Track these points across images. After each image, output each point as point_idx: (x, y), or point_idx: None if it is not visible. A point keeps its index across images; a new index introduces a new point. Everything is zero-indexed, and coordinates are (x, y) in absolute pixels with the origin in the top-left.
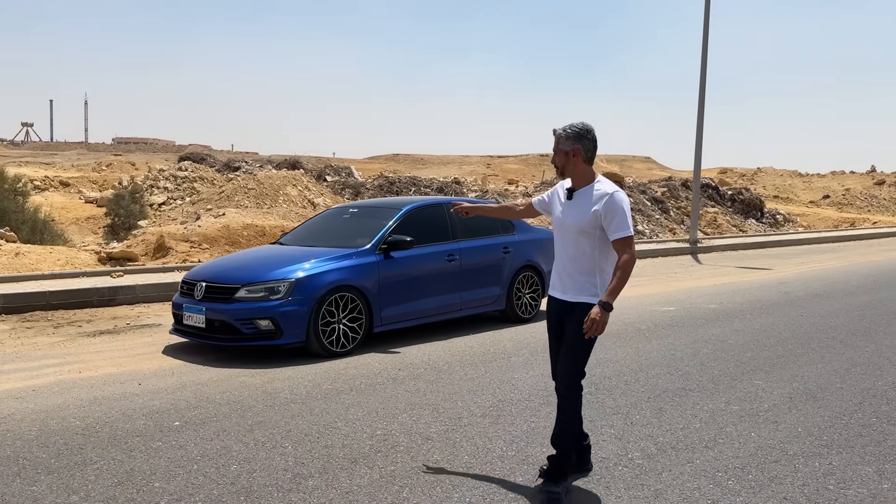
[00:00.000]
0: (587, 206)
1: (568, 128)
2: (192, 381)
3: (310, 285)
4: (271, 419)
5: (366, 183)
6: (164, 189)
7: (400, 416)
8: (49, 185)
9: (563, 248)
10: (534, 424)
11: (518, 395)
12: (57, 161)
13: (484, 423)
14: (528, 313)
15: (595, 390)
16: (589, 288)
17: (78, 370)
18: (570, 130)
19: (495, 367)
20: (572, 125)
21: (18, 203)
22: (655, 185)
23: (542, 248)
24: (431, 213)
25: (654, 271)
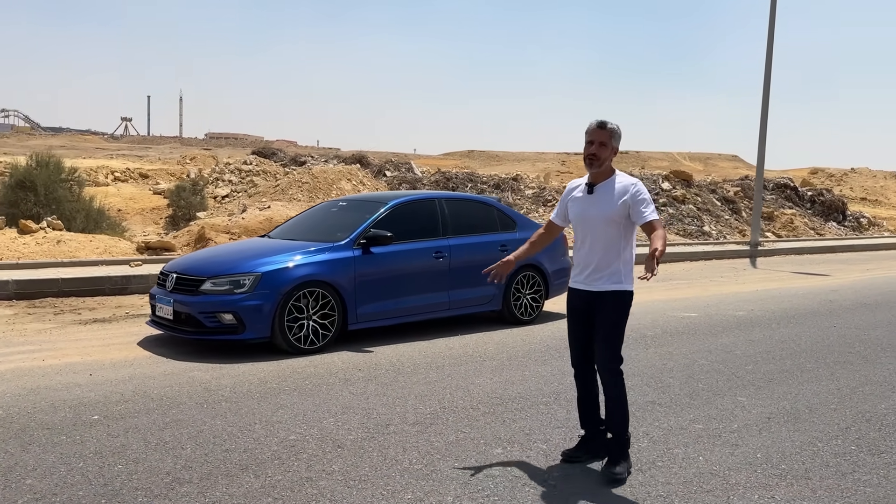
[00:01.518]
0: (614, 198)
1: (616, 126)
2: (142, 374)
3: (276, 279)
4: (192, 418)
5: (422, 178)
6: (229, 182)
7: (326, 420)
8: (129, 177)
9: (587, 240)
10: (462, 435)
11: (464, 403)
12: (150, 154)
13: (410, 432)
14: (527, 315)
15: (553, 400)
16: (615, 276)
17: (43, 358)
18: (618, 128)
19: (461, 371)
20: (616, 123)
21: (74, 192)
22: (729, 185)
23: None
24: (421, 207)
25: (699, 274)
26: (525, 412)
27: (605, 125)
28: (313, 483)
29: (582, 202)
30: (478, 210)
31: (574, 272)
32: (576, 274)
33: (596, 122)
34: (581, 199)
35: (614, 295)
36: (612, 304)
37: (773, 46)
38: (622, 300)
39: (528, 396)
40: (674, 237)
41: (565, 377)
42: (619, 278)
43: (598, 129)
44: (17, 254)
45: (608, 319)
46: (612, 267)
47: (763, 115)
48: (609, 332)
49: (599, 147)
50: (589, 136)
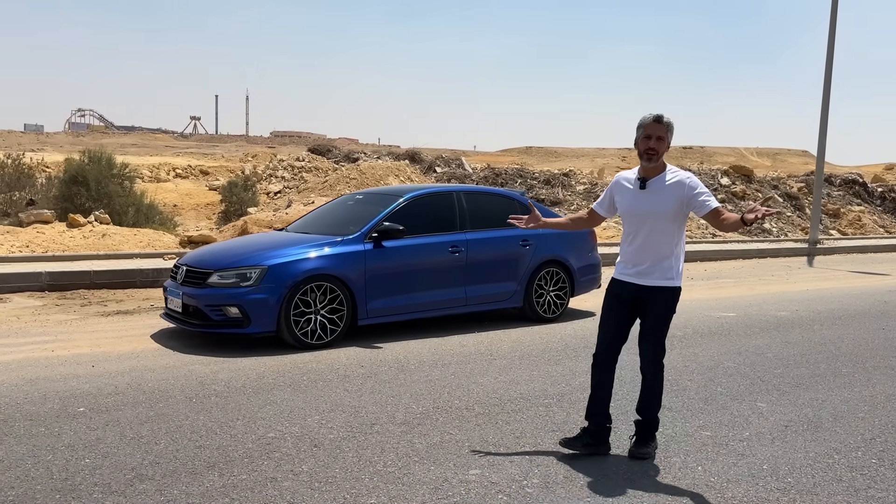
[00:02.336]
0: (670, 193)
1: (671, 119)
2: (142, 367)
3: (282, 273)
4: (177, 412)
5: (471, 174)
6: (282, 178)
7: (311, 417)
8: (189, 174)
9: (638, 235)
10: (448, 437)
11: (460, 403)
12: (216, 152)
13: (394, 432)
14: (551, 312)
15: (555, 402)
16: (667, 272)
17: (52, 349)
18: (673, 124)
19: (466, 370)
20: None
21: (125, 188)
22: (793, 180)
23: (571, 241)
24: (437, 201)
25: (749, 273)
26: (521, 414)
27: (662, 119)
28: (277, 484)
29: (634, 196)
30: (499, 204)
31: (621, 265)
32: (624, 267)
33: (652, 116)
34: (633, 193)
35: (665, 291)
36: (663, 299)
37: (835, 37)
38: (672, 296)
39: (530, 397)
40: (730, 234)
41: (575, 377)
42: (672, 274)
43: (656, 123)
44: (62, 246)
45: (658, 314)
46: (665, 263)
47: (824, 108)
48: (658, 326)
49: (657, 141)
50: (646, 130)
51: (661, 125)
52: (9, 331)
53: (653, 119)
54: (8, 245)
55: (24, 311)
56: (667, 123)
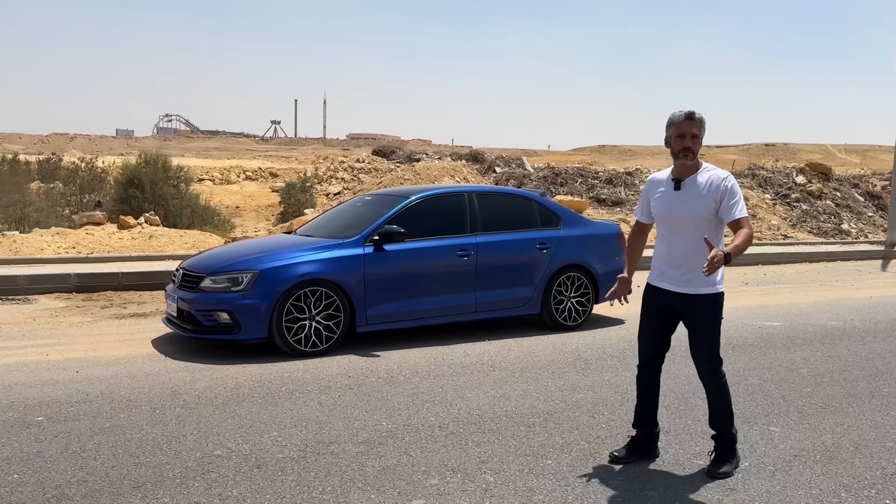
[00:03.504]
0: (706, 193)
1: (703, 115)
2: (125, 374)
3: (274, 277)
4: (134, 424)
5: (530, 174)
6: (341, 179)
7: (269, 433)
8: (259, 176)
9: (674, 239)
10: (405, 460)
11: (435, 420)
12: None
13: (350, 452)
14: (571, 320)
15: (540, 421)
16: (708, 277)
17: (47, 353)
18: (705, 120)
19: (458, 382)
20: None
21: (180, 190)
22: (876, 178)
23: (595, 244)
24: (447, 202)
25: (812, 278)
26: (497, 434)
27: (694, 115)
28: None
29: (668, 198)
30: (515, 205)
31: (656, 270)
32: (659, 273)
33: (683, 113)
34: (667, 194)
35: (708, 298)
36: (707, 306)
37: None
38: (716, 302)
39: (515, 415)
40: (804, 236)
41: (574, 393)
42: (713, 279)
43: (689, 120)
44: (108, 248)
45: (705, 322)
46: (702, 267)
47: None
48: (707, 335)
49: (693, 140)
50: (679, 128)
51: (693, 122)
52: (17, 333)
53: (685, 116)
54: (55, 246)
55: (43, 312)
56: (699, 119)
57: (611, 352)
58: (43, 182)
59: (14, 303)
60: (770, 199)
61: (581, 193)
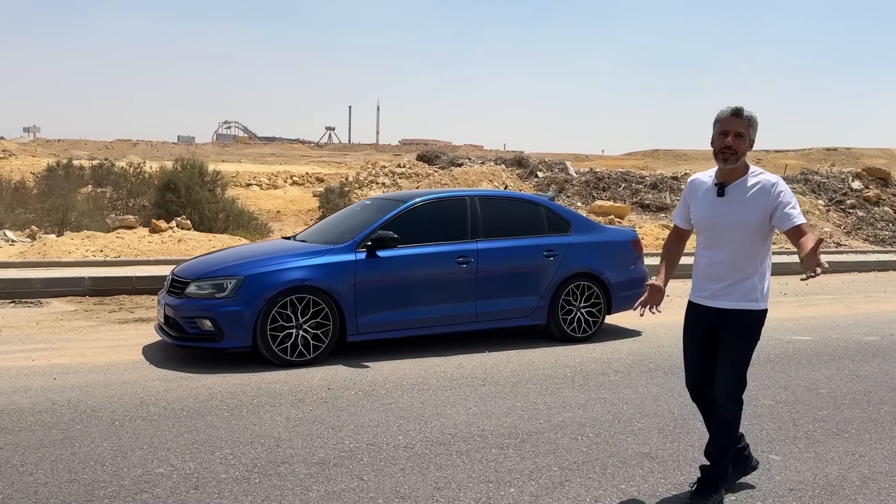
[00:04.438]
0: (753, 201)
1: (754, 114)
2: (103, 381)
3: (259, 284)
4: (87, 436)
5: (573, 179)
6: (382, 184)
7: (221, 451)
8: (305, 181)
9: (716, 250)
10: (354, 485)
11: (404, 439)
12: (345, 161)
13: (299, 475)
14: (581, 332)
15: (517, 443)
16: (750, 293)
17: (35, 358)
18: (756, 118)
19: (441, 397)
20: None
21: (216, 194)
22: None
23: (608, 252)
24: (446, 207)
25: (856, 289)
26: (464, 457)
27: (742, 112)
28: None
29: (710, 205)
30: (520, 210)
31: (696, 285)
32: (699, 288)
33: (730, 110)
34: (709, 201)
35: (747, 315)
36: (744, 324)
37: None
38: (755, 320)
39: (490, 435)
40: (859, 244)
41: (564, 411)
42: (756, 295)
43: (734, 117)
44: (135, 251)
45: (738, 342)
46: (748, 282)
47: None
48: (738, 356)
49: (736, 139)
50: (722, 125)
51: (740, 119)
52: (15, 337)
53: (731, 112)
54: (83, 249)
55: (50, 316)
56: (748, 117)
57: (616, 367)
58: (95, 187)
59: (26, 306)
60: (823, 205)
61: (624, 199)
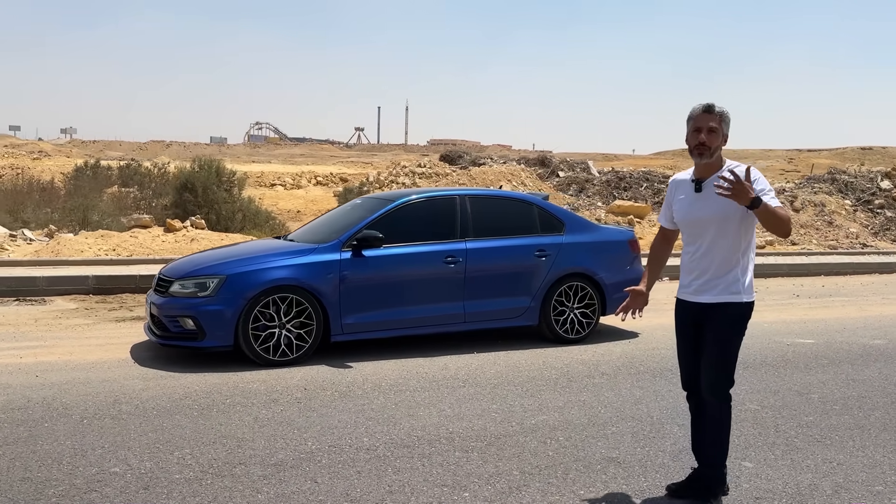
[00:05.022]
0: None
1: (725, 109)
2: (83, 380)
3: (241, 283)
4: (51, 435)
5: (593, 179)
6: (402, 184)
7: (183, 450)
8: (329, 181)
9: (695, 245)
10: (305, 488)
11: (368, 441)
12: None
13: (253, 476)
14: (574, 333)
15: (483, 446)
16: (733, 286)
17: (23, 356)
18: (728, 113)
19: (418, 399)
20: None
21: (233, 194)
22: None
23: (602, 252)
24: (435, 207)
25: (876, 290)
26: (425, 460)
27: (713, 108)
28: None
29: (689, 201)
30: (512, 209)
31: (682, 282)
32: (685, 284)
33: (702, 106)
34: (688, 197)
35: (730, 307)
36: (727, 317)
37: None
38: (739, 314)
39: (457, 438)
40: (887, 245)
41: (539, 414)
42: (738, 287)
43: (705, 113)
44: (147, 250)
45: (721, 336)
46: (730, 275)
47: None
48: (721, 350)
49: (709, 134)
50: (695, 122)
51: (712, 115)
52: (9, 334)
53: (702, 109)
54: (95, 248)
55: (49, 314)
56: (719, 113)
57: (604, 369)
58: (121, 187)
59: (29, 304)
60: (850, 205)
61: (646, 198)
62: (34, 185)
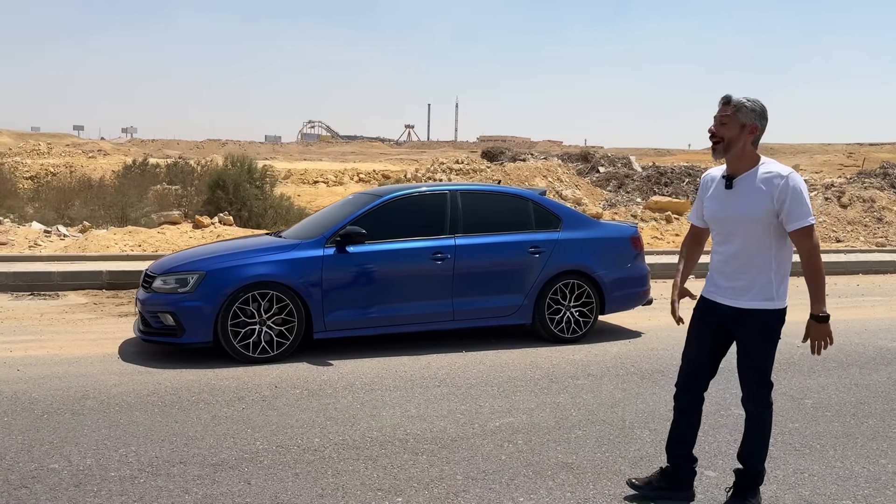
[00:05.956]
0: (760, 193)
1: (749, 99)
2: (61, 374)
3: (220, 279)
4: (6, 429)
5: (633, 174)
6: (439, 180)
7: (129, 447)
8: (371, 178)
9: (727, 245)
10: (239, 489)
11: (321, 441)
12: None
13: (188, 476)
14: (570, 332)
15: (436, 448)
16: (765, 291)
17: (11, 350)
18: (753, 103)
19: (388, 398)
20: (753, 99)
21: (264, 191)
22: None
23: (601, 249)
24: (424, 202)
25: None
26: (370, 462)
27: (730, 100)
28: None
29: (720, 198)
30: (506, 205)
31: (711, 281)
32: (712, 283)
33: (721, 99)
34: (719, 194)
35: (763, 314)
36: (762, 324)
37: None
38: (773, 320)
39: (412, 440)
40: None
41: (505, 415)
42: (771, 293)
43: (722, 105)
44: (174, 246)
45: (757, 343)
46: (762, 279)
47: None
48: (759, 357)
49: (721, 126)
50: (715, 116)
51: (727, 107)
52: (9, 328)
53: (721, 102)
54: (122, 244)
55: (57, 309)
56: (736, 104)
57: (592, 370)
58: (168, 185)
59: (42, 298)
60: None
61: (687, 194)
62: (83, 182)
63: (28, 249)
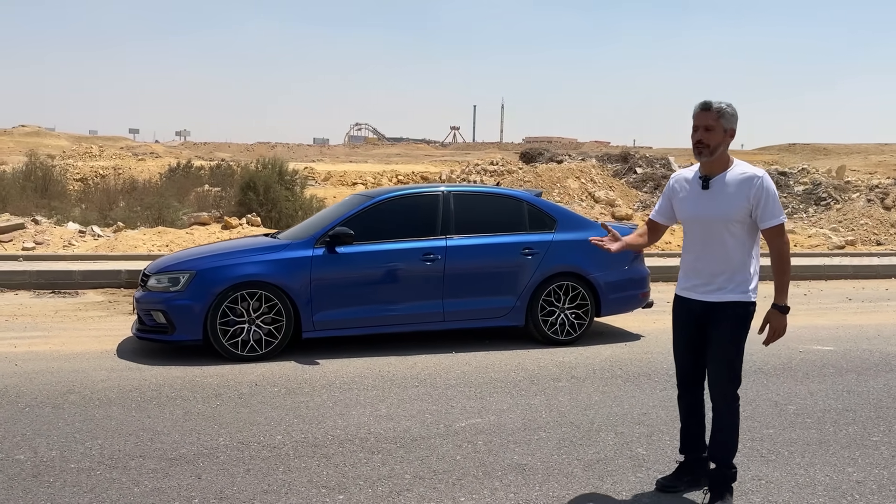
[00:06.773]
0: (735, 193)
1: (726, 104)
2: (55, 370)
3: (210, 278)
4: None
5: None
6: (472, 181)
7: (95, 440)
8: (410, 180)
9: (701, 243)
10: (189, 483)
11: (283, 438)
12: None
13: (142, 470)
14: (564, 334)
15: (395, 447)
16: (739, 285)
17: (15, 345)
18: (731, 108)
19: (363, 397)
20: (728, 103)
21: (295, 192)
22: None
23: (596, 250)
24: (416, 203)
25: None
26: (323, 461)
27: (710, 106)
28: None
29: (695, 199)
30: (500, 206)
31: (683, 279)
32: (685, 281)
33: (699, 105)
34: (694, 195)
35: (736, 307)
36: (733, 317)
37: None
38: (745, 312)
39: (374, 439)
40: None
41: (475, 416)
42: (744, 287)
43: (703, 111)
44: None
45: (727, 335)
46: (735, 275)
47: None
48: (728, 349)
49: (705, 133)
50: (694, 121)
51: (708, 113)
52: (20, 325)
53: (700, 108)
54: (150, 244)
55: (72, 306)
56: (717, 110)
57: (578, 372)
58: (211, 186)
59: (62, 296)
60: None
61: None
62: (129, 184)
63: (62, 249)
